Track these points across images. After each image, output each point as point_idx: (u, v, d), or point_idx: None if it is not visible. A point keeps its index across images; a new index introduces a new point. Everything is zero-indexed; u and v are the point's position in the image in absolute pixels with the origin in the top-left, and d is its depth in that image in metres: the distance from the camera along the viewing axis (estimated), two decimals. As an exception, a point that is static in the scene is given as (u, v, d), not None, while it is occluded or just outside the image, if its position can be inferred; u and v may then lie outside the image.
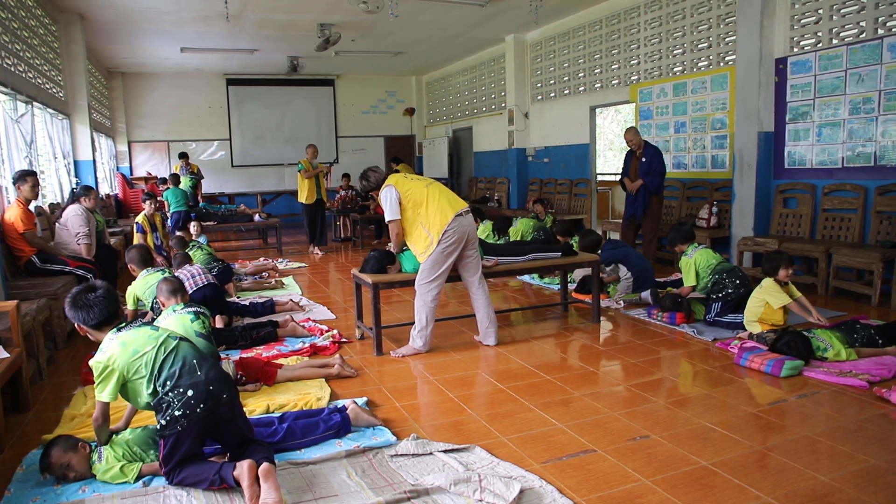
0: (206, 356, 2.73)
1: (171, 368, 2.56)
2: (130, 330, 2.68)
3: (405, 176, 4.47)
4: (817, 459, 2.72)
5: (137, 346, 2.59)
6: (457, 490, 2.43)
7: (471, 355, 4.36)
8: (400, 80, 15.86)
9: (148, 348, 2.59)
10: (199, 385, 2.52)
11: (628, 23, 8.69)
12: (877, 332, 4.15)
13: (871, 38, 5.70)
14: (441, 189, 4.41)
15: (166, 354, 2.60)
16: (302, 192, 9.44)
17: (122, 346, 2.58)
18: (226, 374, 2.70)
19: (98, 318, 2.69)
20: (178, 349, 2.64)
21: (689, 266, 5.12)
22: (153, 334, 2.66)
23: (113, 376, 2.56)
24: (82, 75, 8.70)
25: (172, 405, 2.48)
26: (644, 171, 7.02)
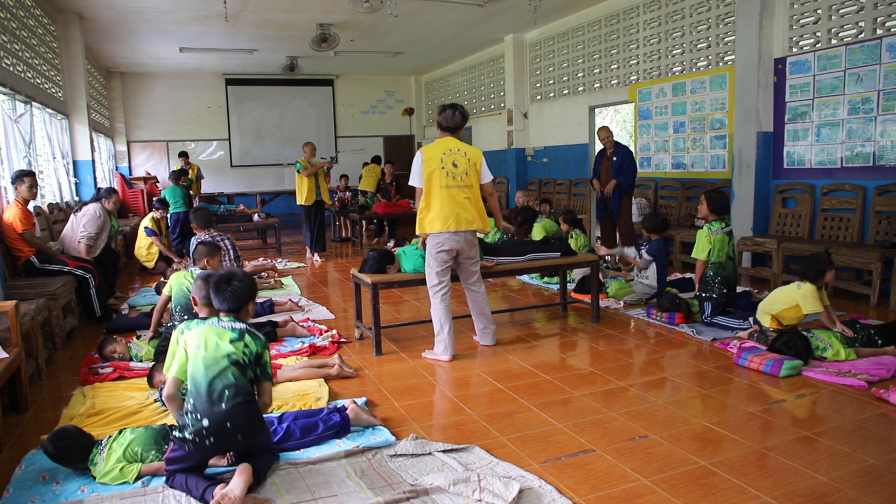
0: (241, 389, 2.51)
1: (203, 387, 2.46)
2: (216, 325, 2.59)
3: (442, 146, 4.21)
4: (816, 459, 2.73)
5: (207, 345, 2.52)
6: (456, 490, 2.43)
7: (470, 355, 4.36)
8: (399, 80, 15.85)
9: (206, 353, 2.51)
10: (217, 418, 2.42)
11: (627, 23, 8.69)
12: (876, 332, 4.15)
13: (869, 38, 5.71)
14: (456, 194, 4.16)
15: (210, 371, 2.48)
16: (301, 193, 8.70)
17: (200, 336, 2.55)
18: (253, 412, 2.52)
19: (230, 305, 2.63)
20: (222, 373, 2.48)
21: (704, 239, 4.99)
22: (219, 344, 2.53)
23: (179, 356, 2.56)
24: (81, 75, 8.70)
25: (187, 426, 2.44)
26: (616, 170, 7.15)
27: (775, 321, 4.37)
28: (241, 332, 2.60)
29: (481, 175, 4.29)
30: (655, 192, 8.37)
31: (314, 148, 8.96)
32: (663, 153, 8.22)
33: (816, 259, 4.23)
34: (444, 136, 4.30)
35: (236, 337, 2.57)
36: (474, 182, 4.25)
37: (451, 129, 4.28)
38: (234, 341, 2.56)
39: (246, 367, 2.54)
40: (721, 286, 4.92)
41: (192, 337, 2.56)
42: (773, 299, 4.40)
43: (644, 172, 8.36)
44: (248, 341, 2.58)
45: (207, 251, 4.49)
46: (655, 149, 8.33)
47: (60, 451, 2.65)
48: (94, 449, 2.71)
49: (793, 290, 4.29)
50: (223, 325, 2.60)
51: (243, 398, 2.49)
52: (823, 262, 4.17)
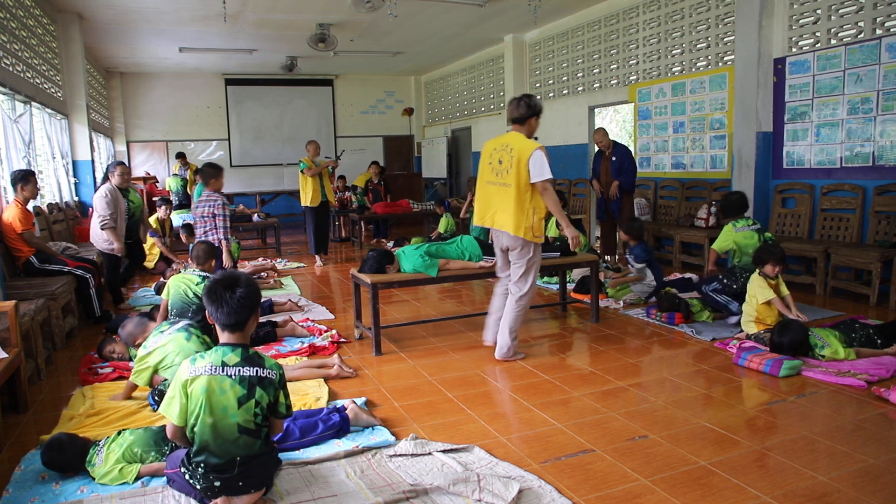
0: (254, 454, 2.32)
1: (212, 446, 2.27)
2: (220, 375, 2.27)
3: (499, 141, 4.12)
4: (816, 459, 2.73)
5: (214, 409, 2.26)
6: (456, 490, 2.43)
7: (469, 355, 4.36)
8: (399, 80, 15.85)
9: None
10: (228, 479, 2.27)
11: (627, 23, 8.69)
12: (875, 332, 4.15)
13: (869, 38, 5.71)
14: (494, 192, 4.06)
15: (220, 439, 2.27)
16: (305, 194, 8.22)
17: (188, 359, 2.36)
18: (265, 464, 2.38)
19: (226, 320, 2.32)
20: (234, 441, 2.27)
21: (725, 232, 5.13)
22: (227, 408, 2.26)
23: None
24: (81, 75, 8.69)
25: (196, 471, 2.31)
26: (616, 169, 7.15)
27: (760, 324, 4.41)
28: (251, 383, 2.25)
29: (530, 174, 3.90)
30: (655, 192, 8.37)
31: (318, 147, 8.50)
32: (663, 153, 8.22)
33: (765, 248, 4.47)
34: (511, 128, 4.10)
35: (244, 394, 2.24)
36: (514, 181, 3.92)
37: (514, 120, 4.05)
38: (243, 401, 2.24)
39: (259, 428, 2.30)
40: (746, 281, 4.70)
41: (196, 390, 2.25)
42: (745, 307, 4.56)
43: (644, 172, 8.37)
44: (259, 396, 2.26)
45: (207, 252, 4.44)
46: (655, 149, 8.33)
47: (51, 465, 2.65)
48: (91, 450, 2.71)
49: (749, 286, 4.51)
50: (228, 372, 2.26)
51: (257, 460, 2.33)
52: (769, 253, 4.38)
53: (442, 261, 4.59)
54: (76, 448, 2.70)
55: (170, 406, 2.31)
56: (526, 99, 4.03)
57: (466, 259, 4.71)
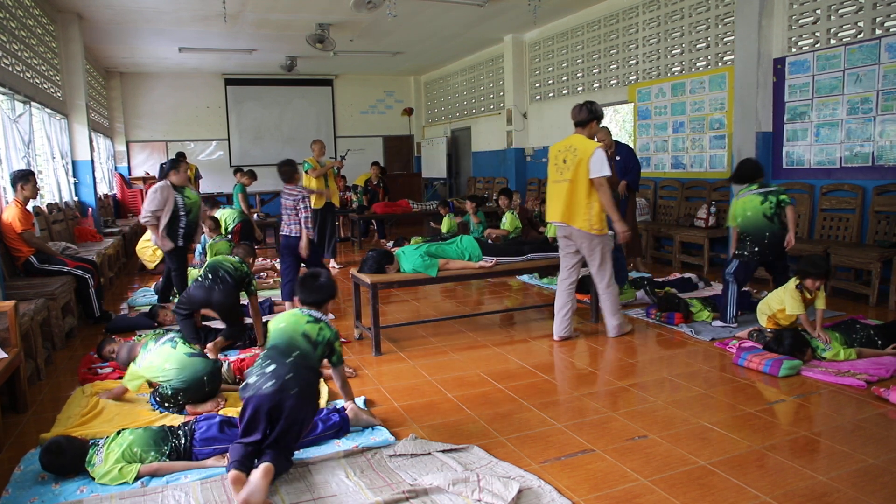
0: (307, 357, 2.77)
1: (280, 346, 2.77)
2: (299, 311, 2.96)
3: (563, 143, 4.49)
4: (815, 459, 2.73)
5: (287, 320, 2.87)
6: (455, 490, 2.43)
7: (469, 355, 4.36)
8: (398, 80, 15.85)
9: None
10: (282, 368, 2.64)
11: (627, 23, 8.69)
12: (875, 332, 4.15)
13: (868, 38, 5.71)
14: (559, 189, 4.45)
15: (285, 337, 2.79)
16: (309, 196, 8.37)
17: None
18: (311, 380, 2.74)
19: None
20: (295, 340, 2.78)
21: (733, 205, 5.04)
22: (298, 322, 2.87)
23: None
24: (80, 75, 8.69)
25: (251, 373, 2.73)
26: (621, 169, 7.06)
27: (772, 321, 4.39)
28: (318, 319, 2.89)
29: (589, 170, 4.29)
30: (655, 192, 8.37)
31: (323, 146, 8.23)
32: (662, 153, 8.22)
33: (811, 261, 4.20)
34: (575, 131, 4.51)
35: (313, 321, 2.87)
36: (574, 177, 4.32)
37: (578, 123, 4.46)
38: (310, 323, 2.85)
39: (316, 344, 2.81)
40: (752, 244, 4.71)
41: (276, 318, 2.92)
42: (770, 299, 4.44)
43: (643, 172, 8.33)
44: (322, 327, 2.88)
45: (246, 252, 4.76)
46: (655, 149, 8.33)
47: (50, 468, 2.66)
48: (91, 450, 2.71)
49: (782, 289, 4.32)
50: (304, 311, 2.91)
51: (307, 364, 2.73)
52: (814, 268, 4.11)
53: (442, 261, 4.59)
54: (75, 450, 2.70)
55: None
56: (588, 105, 4.43)
57: (466, 259, 4.71)
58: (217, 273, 4.28)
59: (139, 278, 7.79)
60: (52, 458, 2.64)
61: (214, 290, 4.23)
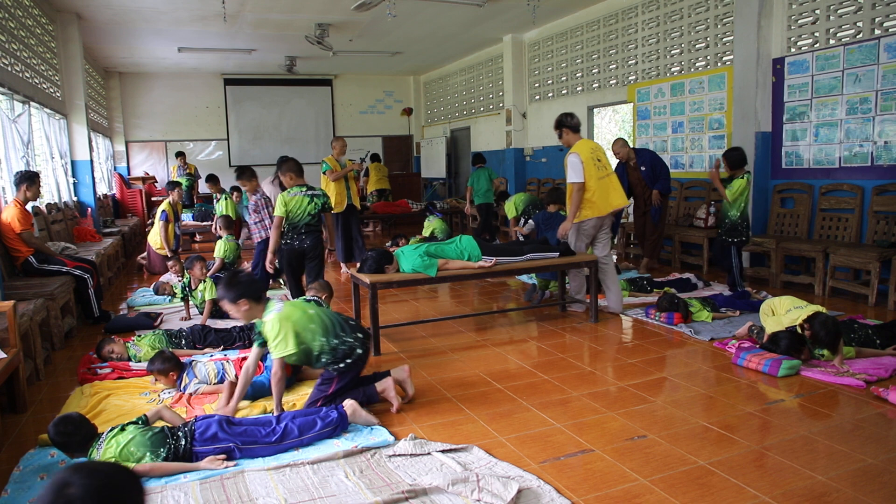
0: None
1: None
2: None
3: (590, 146, 5.22)
4: (814, 459, 2.73)
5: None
6: (455, 490, 2.43)
7: (468, 355, 4.36)
8: (398, 79, 15.85)
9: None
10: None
11: (626, 23, 8.70)
12: (874, 332, 4.16)
13: (867, 38, 5.72)
14: (606, 183, 5.15)
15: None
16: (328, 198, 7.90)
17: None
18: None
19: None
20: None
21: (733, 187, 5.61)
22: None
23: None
24: (79, 75, 8.69)
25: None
26: (648, 177, 6.90)
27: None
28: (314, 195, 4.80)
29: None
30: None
31: (345, 144, 7.60)
32: (662, 153, 8.20)
33: (830, 329, 3.83)
34: (581, 136, 5.27)
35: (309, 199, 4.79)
36: (611, 170, 5.24)
37: (577, 129, 5.26)
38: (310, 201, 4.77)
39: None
40: (747, 229, 5.70)
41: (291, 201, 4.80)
42: (778, 307, 4.28)
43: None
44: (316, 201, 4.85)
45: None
46: (654, 149, 8.30)
47: (61, 437, 2.67)
48: (94, 442, 2.71)
49: (798, 314, 4.06)
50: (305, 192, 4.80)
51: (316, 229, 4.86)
52: (827, 339, 3.83)
53: (441, 261, 4.59)
54: (86, 429, 2.75)
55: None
56: (569, 113, 5.34)
57: (465, 259, 4.71)
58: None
59: (138, 278, 7.79)
60: (68, 428, 2.68)
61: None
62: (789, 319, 4.09)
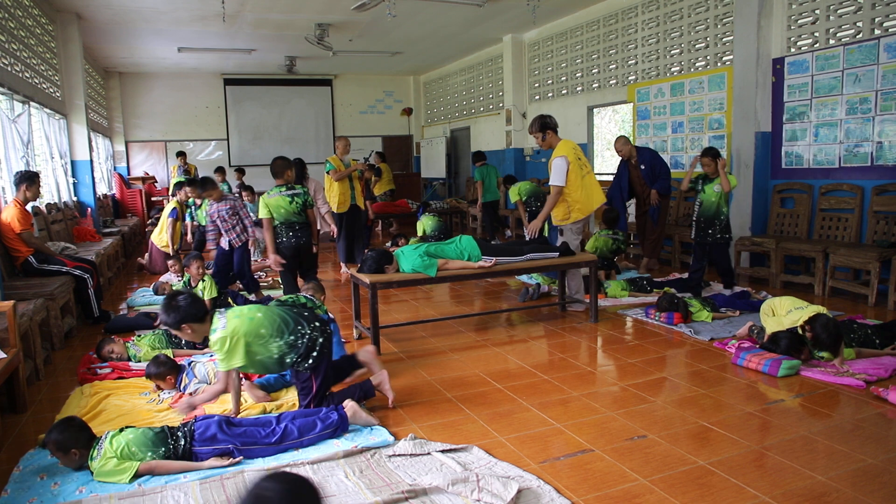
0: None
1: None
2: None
3: (571, 145, 5.33)
4: (814, 459, 2.73)
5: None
6: (455, 490, 2.43)
7: (468, 355, 4.36)
8: (397, 79, 15.85)
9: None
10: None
11: (626, 23, 8.70)
12: (874, 332, 4.16)
13: (867, 38, 5.71)
14: (590, 181, 5.40)
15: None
16: (332, 199, 7.28)
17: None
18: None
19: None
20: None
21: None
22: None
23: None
24: (79, 75, 8.69)
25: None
26: (647, 176, 6.90)
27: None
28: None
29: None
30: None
31: (348, 143, 7.51)
32: (662, 153, 8.19)
33: (827, 330, 3.82)
34: (561, 138, 5.36)
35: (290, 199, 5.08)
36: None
37: (557, 130, 5.38)
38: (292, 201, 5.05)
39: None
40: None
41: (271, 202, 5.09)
42: (778, 307, 4.27)
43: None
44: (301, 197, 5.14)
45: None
46: (654, 148, 8.32)
47: (66, 437, 2.67)
48: (94, 444, 2.72)
49: (798, 315, 4.03)
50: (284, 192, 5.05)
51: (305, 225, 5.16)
52: (826, 341, 3.81)
53: (441, 261, 4.59)
54: (88, 432, 2.77)
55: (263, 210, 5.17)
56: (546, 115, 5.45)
57: (465, 259, 4.71)
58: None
59: (138, 278, 7.78)
60: (70, 428, 2.71)
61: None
62: (790, 320, 4.09)
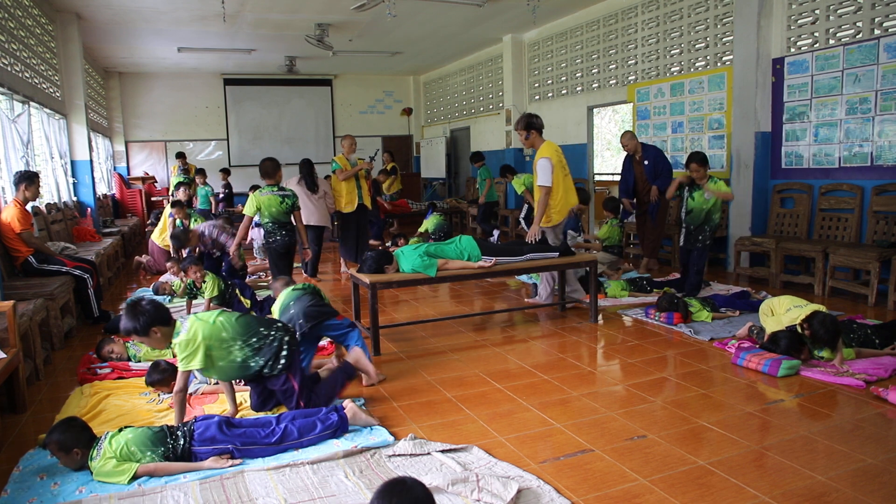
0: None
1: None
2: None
3: (555, 147, 5.34)
4: (814, 459, 2.73)
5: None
6: (454, 490, 2.43)
7: (468, 355, 4.36)
8: (397, 79, 15.85)
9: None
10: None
11: (626, 23, 8.70)
12: (873, 332, 4.16)
13: (867, 38, 5.72)
14: (570, 183, 5.39)
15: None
16: (339, 198, 7.23)
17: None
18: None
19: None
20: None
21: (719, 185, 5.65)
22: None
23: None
24: (79, 75, 8.68)
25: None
26: (650, 172, 6.91)
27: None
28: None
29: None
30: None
31: (354, 142, 7.42)
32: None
33: (824, 325, 3.83)
34: (544, 139, 5.32)
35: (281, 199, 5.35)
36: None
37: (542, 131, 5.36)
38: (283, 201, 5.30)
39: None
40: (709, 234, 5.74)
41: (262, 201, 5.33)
42: (777, 307, 4.28)
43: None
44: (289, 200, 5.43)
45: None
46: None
47: (68, 437, 2.67)
48: (94, 444, 2.72)
49: (797, 313, 4.05)
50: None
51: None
52: (827, 336, 3.82)
53: (441, 261, 4.59)
54: (89, 432, 2.77)
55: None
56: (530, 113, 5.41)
57: (465, 259, 4.71)
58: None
59: (137, 278, 7.78)
60: (72, 426, 2.72)
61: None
62: (789, 319, 4.10)
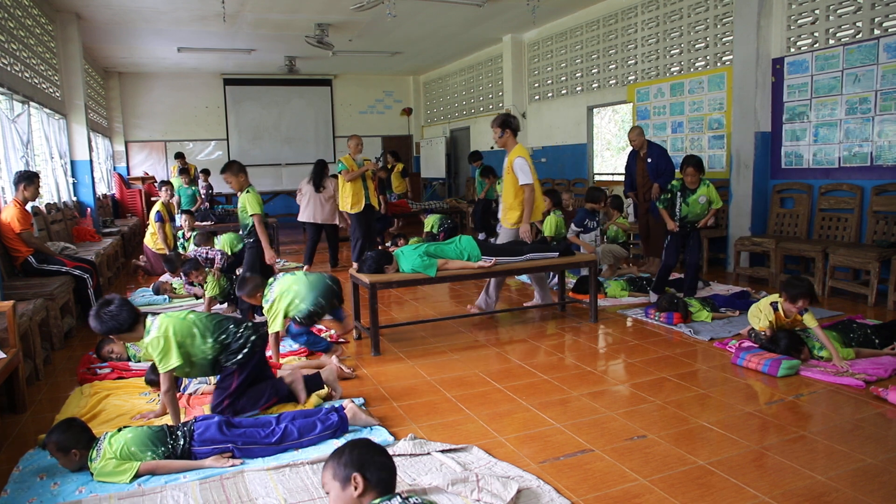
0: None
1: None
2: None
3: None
4: (814, 459, 2.73)
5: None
6: (454, 490, 2.43)
7: (468, 355, 4.36)
8: (397, 79, 15.85)
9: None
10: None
11: (626, 23, 8.70)
12: (873, 332, 4.16)
13: (867, 38, 5.72)
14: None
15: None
16: (345, 199, 7.16)
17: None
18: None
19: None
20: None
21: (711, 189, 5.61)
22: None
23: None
24: (79, 75, 8.68)
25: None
26: (652, 171, 6.91)
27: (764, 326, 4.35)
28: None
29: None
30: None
31: (360, 142, 7.35)
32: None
33: (794, 283, 3.99)
34: (515, 141, 5.34)
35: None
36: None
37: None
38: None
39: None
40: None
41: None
42: (760, 303, 4.32)
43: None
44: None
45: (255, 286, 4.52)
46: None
47: (67, 438, 2.67)
48: (93, 444, 2.72)
49: (762, 300, 4.20)
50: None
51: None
52: (797, 289, 3.93)
53: (441, 261, 4.59)
54: (88, 435, 2.77)
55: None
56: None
57: (465, 259, 4.71)
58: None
59: (136, 278, 7.78)
60: (72, 427, 2.72)
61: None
62: (766, 302, 4.18)
